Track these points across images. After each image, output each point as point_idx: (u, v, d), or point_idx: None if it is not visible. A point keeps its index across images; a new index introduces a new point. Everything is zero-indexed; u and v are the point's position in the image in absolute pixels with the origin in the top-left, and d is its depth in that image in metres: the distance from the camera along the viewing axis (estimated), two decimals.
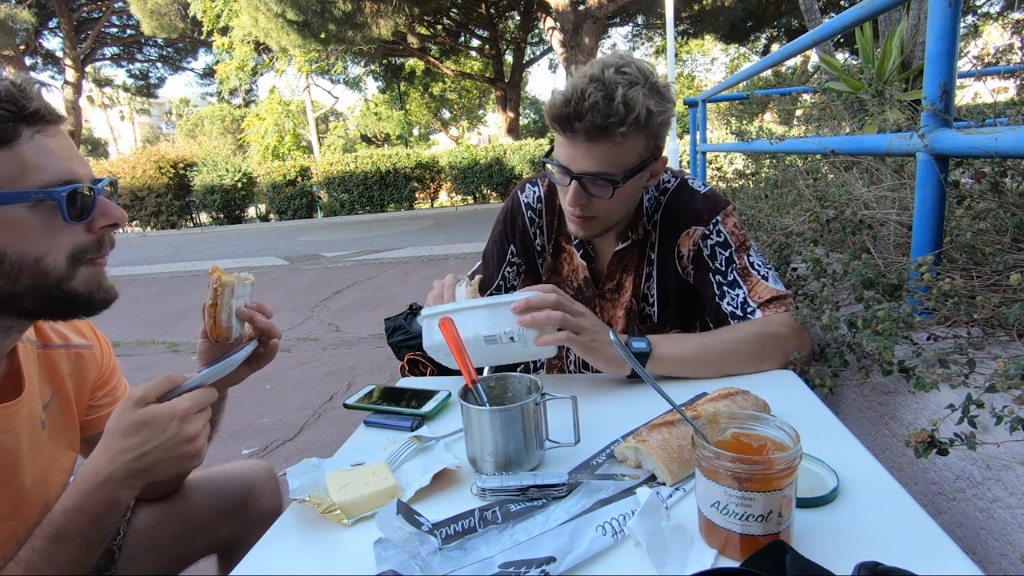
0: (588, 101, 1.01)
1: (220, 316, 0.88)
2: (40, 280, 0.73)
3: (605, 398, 1.08)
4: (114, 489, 0.76)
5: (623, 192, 1.11)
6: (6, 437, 0.81)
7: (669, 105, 1.08)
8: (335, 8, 12.55)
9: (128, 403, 0.76)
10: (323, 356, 4.10)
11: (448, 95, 30.87)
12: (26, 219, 0.70)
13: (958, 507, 0.90)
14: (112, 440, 0.76)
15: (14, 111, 0.69)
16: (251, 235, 14.06)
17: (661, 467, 0.77)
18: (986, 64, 3.38)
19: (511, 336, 1.00)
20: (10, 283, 0.71)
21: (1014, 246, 1.18)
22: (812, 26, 4.49)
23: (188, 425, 0.76)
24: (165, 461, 0.76)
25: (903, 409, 1.05)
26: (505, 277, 1.41)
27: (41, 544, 0.76)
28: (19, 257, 0.71)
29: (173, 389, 0.79)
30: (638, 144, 1.08)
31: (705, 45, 29.58)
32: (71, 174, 0.73)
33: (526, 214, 1.38)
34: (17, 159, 0.69)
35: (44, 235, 0.72)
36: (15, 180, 0.69)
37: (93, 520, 0.77)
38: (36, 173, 0.70)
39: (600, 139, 1.04)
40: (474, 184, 16.34)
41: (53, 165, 0.72)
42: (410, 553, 0.63)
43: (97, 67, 29.44)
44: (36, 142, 0.71)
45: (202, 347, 0.95)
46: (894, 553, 0.61)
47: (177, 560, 1.13)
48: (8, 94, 0.69)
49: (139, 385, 0.79)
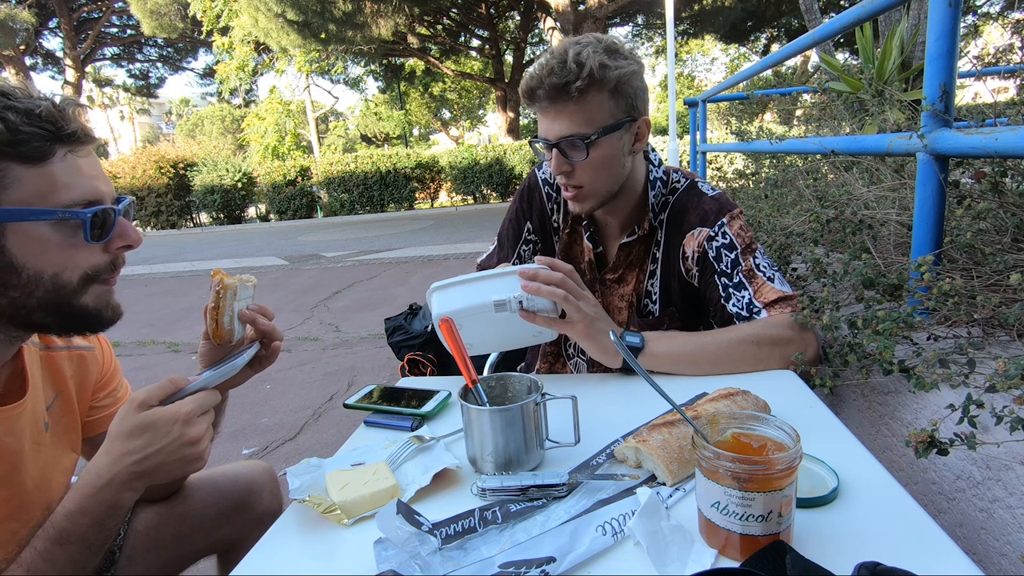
0: (544, 70, 1.09)
1: (222, 319, 0.88)
2: (54, 295, 0.74)
3: (605, 398, 1.08)
4: (117, 492, 0.76)
5: (599, 153, 1.14)
6: (9, 439, 0.81)
7: (624, 61, 1.11)
8: (335, 8, 12.56)
9: (131, 406, 0.76)
10: (323, 356, 4.10)
11: (448, 95, 30.88)
12: (49, 236, 0.72)
13: (958, 507, 0.90)
14: (115, 443, 0.75)
15: (52, 131, 0.71)
16: (251, 235, 14.07)
17: (661, 467, 0.77)
18: (986, 64, 3.38)
19: (520, 300, 1.01)
20: (25, 296, 0.72)
21: (1014, 246, 1.18)
22: (812, 26, 4.49)
23: (191, 428, 0.76)
24: (168, 464, 0.76)
25: (903, 409, 1.05)
26: (521, 256, 1.40)
27: (43, 546, 0.76)
28: (36, 272, 0.72)
29: (176, 392, 0.79)
30: (603, 101, 1.11)
31: (705, 45, 29.59)
32: (96, 193, 0.75)
33: (543, 189, 1.38)
34: (48, 177, 0.71)
35: (64, 252, 0.73)
36: (44, 197, 0.70)
37: (95, 522, 0.77)
38: (64, 191, 0.72)
39: (561, 99, 1.09)
40: (474, 184, 16.33)
41: (80, 184, 0.73)
42: (410, 553, 0.63)
43: (97, 67, 29.47)
44: (68, 161, 0.72)
45: (203, 349, 0.95)
46: (894, 553, 0.61)
47: (177, 560, 1.13)
48: (49, 115, 0.70)
49: (140, 386, 0.79)
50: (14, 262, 0.70)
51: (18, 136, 0.68)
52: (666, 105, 18.16)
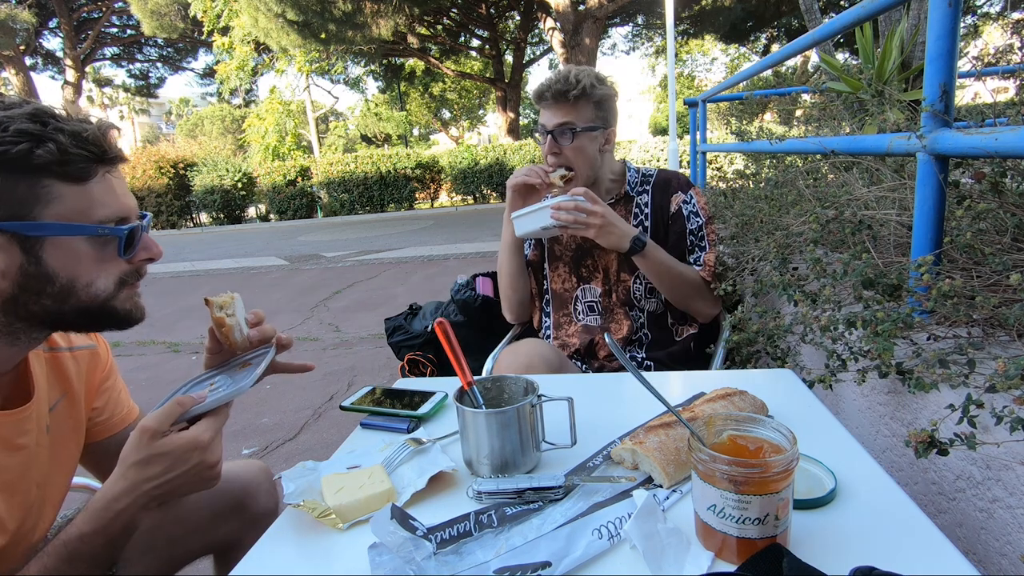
0: (552, 79, 1.58)
1: (233, 336, 0.90)
2: (89, 302, 0.78)
3: (602, 400, 1.08)
4: (133, 514, 0.78)
5: (580, 142, 1.58)
6: (23, 441, 0.83)
7: (606, 88, 1.59)
8: (335, 8, 12.55)
9: (144, 436, 0.77)
10: (323, 356, 4.09)
11: (448, 95, 30.87)
12: (83, 249, 0.76)
13: (958, 507, 0.90)
14: (131, 470, 0.77)
15: (96, 154, 0.75)
16: (251, 235, 14.06)
17: (658, 469, 0.76)
18: (986, 64, 3.37)
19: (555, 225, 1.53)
20: (58, 303, 0.76)
21: (1014, 246, 1.17)
22: (812, 26, 4.48)
23: (211, 455, 0.79)
24: (185, 486, 0.79)
25: (903, 409, 1.04)
26: None
27: (54, 563, 0.77)
28: (69, 281, 0.76)
29: (183, 414, 0.80)
30: (589, 108, 1.58)
31: (705, 45, 29.55)
32: (127, 210, 0.80)
33: None
34: (87, 195, 0.75)
35: (96, 264, 0.78)
36: (82, 214, 0.75)
37: (108, 542, 0.79)
38: (100, 209, 0.76)
39: (561, 100, 1.57)
40: (474, 184, 16.33)
41: (114, 202, 0.78)
42: (405, 558, 0.62)
43: (97, 67, 29.44)
44: (105, 181, 0.78)
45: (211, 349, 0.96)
46: (892, 555, 0.61)
47: (174, 561, 1.13)
48: (95, 138, 0.75)
49: (140, 386, 0.79)
50: (49, 272, 0.74)
51: (66, 157, 0.72)
52: (666, 105, 18.15)
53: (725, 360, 1.61)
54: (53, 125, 0.72)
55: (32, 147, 0.70)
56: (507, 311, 1.87)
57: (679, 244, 1.68)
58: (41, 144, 0.71)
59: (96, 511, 0.78)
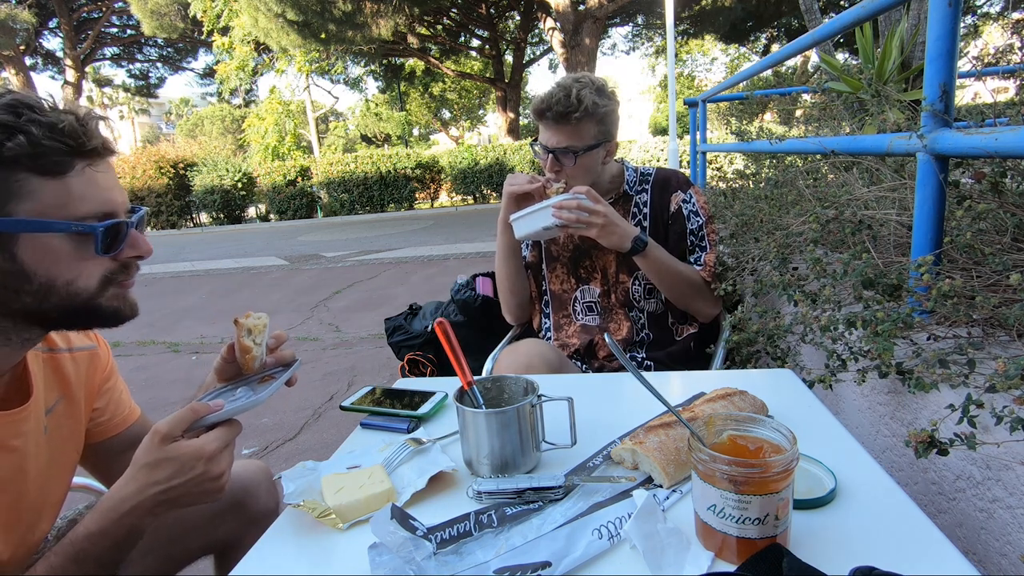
0: (554, 99, 1.50)
1: (253, 364, 0.89)
2: (70, 300, 0.75)
3: (602, 400, 1.08)
4: (139, 517, 0.78)
5: (583, 162, 1.56)
6: (16, 442, 0.82)
7: (608, 101, 1.54)
8: (335, 8, 12.55)
9: (155, 439, 0.76)
10: (323, 356, 4.09)
11: (448, 95, 30.85)
12: (60, 246, 0.73)
13: (958, 507, 0.90)
14: (140, 472, 0.77)
15: (73, 146, 0.71)
16: (251, 235, 14.05)
17: (658, 469, 0.76)
18: (986, 64, 3.37)
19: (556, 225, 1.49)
20: (38, 301, 0.74)
21: (1014, 246, 1.17)
22: (812, 26, 4.48)
23: (215, 466, 0.77)
24: (189, 495, 0.78)
25: (903, 409, 1.04)
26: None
27: (60, 562, 0.77)
28: (48, 279, 0.73)
29: (196, 420, 0.79)
30: (591, 127, 1.54)
31: (705, 45, 29.54)
32: (110, 206, 0.76)
33: None
34: (65, 190, 0.72)
35: (75, 262, 0.74)
36: (59, 209, 0.71)
37: (114, 544, 0.78)
38: (79, 204, 0.73)
39: (563, 123, 1.52)
40: (474, 184, 16.31)
41: (96, 196, 0.74)
42: (405, 558, 0.62)
43: (97, 67, 29.42)
44: (85, 175, 0.73)
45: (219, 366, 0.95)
46: (892, 555, 0.61)
47: (174, 561, 1.13)
48: (71, 130, 0.71)
49: (140, 386, 0.79)
50: (25, 270, 0.72)
51: (39, 149, 0.69)
52: (666, 105, 18.13)
53: (725, 360, 1.61)
54: (27, 116, 0.69)
55: (3, 139, 0.67)
56: (507, 314, 1.87)
57: (679, 244, 1.67)
58: (12, 136, 0.67)
59: (104, 511, 0.77)
